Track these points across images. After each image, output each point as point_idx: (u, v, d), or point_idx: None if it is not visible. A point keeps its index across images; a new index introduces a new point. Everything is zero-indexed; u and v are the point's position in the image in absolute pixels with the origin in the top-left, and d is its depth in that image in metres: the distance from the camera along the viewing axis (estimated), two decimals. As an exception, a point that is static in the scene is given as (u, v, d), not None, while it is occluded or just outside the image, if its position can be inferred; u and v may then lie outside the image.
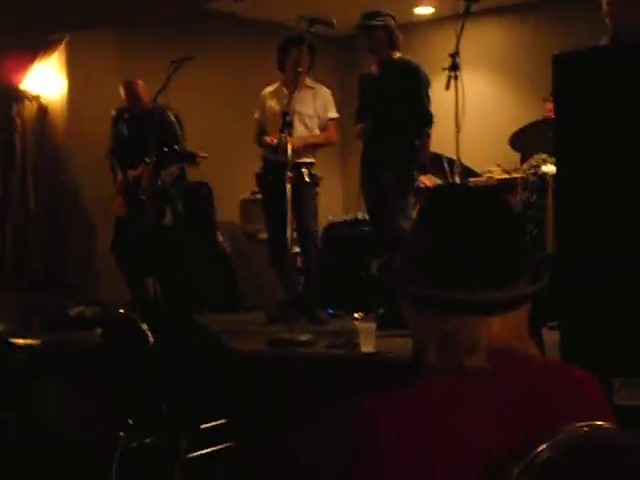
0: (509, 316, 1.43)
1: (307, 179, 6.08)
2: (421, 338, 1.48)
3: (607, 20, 4.63)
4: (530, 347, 1.46)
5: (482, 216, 1.45)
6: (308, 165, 6.19)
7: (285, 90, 6.17)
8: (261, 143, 6.32)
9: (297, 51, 5.99)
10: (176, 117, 6.52)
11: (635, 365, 3.06)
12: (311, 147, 6.23)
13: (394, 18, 5.76)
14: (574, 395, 1.43)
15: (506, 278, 1.42)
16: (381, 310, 5.55)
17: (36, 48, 7.52)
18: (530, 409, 1.39)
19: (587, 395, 1.45)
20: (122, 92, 6.64)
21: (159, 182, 6.34)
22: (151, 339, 4.10)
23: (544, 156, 5.94)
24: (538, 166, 5.98)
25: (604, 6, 4.64)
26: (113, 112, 6.77)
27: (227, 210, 7.83)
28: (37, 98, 7.59)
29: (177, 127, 6.48)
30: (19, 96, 7.55)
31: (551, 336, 3.59)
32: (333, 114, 6.33)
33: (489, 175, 6.98)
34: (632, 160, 3.19)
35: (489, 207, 1.47)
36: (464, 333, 1.41)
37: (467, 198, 1.50)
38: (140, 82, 6.64)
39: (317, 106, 6.27)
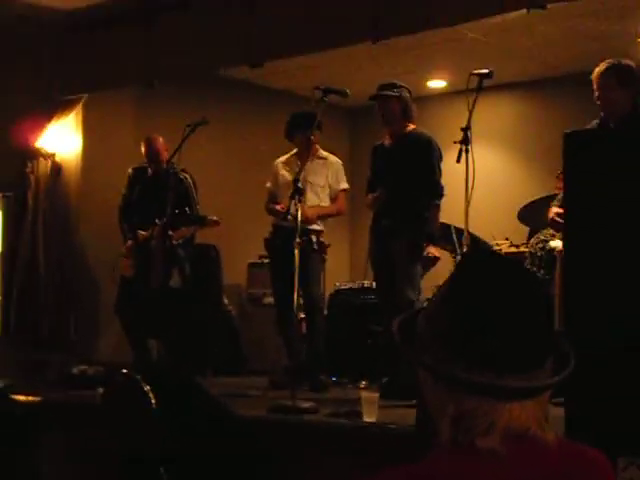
0: (530, 402, 1.37)
1: (315, 246, 6.12)
2: (435, 411, 1.42)
3: (598, 103, 4.80)
4: (547, 431, 1.39)
5: (512, 296, 1.37)
6: (317, 232, 6.24)
7: (298, 161, 6.26)
8: (271, 211, 6.38)
9: (303, 136, 6.14)
10: (192, 179, 6.57)
11: (640, 445, 3.03)
12: (322, 217, 6.31)
13: (409, 91, 5.83)
14: (588, 477, 1.40)
15: (533, 364, 1.35)
16: (385, 379, 5.53)
17: (53, 108, 7.62)
18: None
19: (601, 476, 1.41)
20: (143, 148, 6.70)
21: (167, 243, 6.35)
22: (153, 401, 4.08)
23: (552, 231, 5.95)
24: (546, 241, 5.98)
25: (595, 91, 4.79)
26: (130, 171, 6.82)
27: (234, 273, 7.84)
28: (52, 156, 7.66)
29: (192, 190, 6.53)
30: (34, 154, 7.63)
31: (556, 412, 3.56)
32: (344, 185, 6.41)
33: (497, 248, 6.99)
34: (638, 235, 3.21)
35: (520, 286, 1.39)
36: (481, 416, 1.35)
37: (497, 273, 1.41)
38: (161, 139, 6.70)
39: (329, 176, 6.35)
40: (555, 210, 5.02)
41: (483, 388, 1.34)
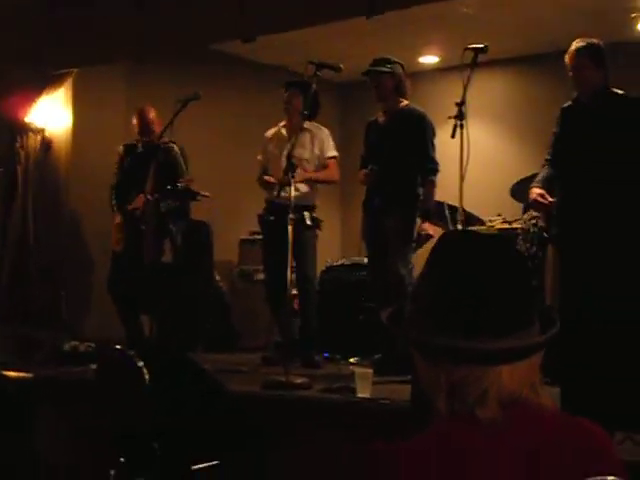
0: (519, 365, 1.39)
1: (309, 222, 6.10)
2: (429, 387, 1.44)
3: (574, 85, 4.86)
4: (542, 396, 1.42)
5: (489, 263, 1.42)
6: (310, 208, 6.21)
7: (285, 133, 6.25)
8: (262, 184, 6.35)
9: (288, 94, 6.09)
10: (181, 151, 6.51)
11: (637, 419, 3.04)
12: (312, 183, 6.25)
13: (403, 66, 5.80)
14: (586, 448, 1.40)
15: (515, 327, 1.39)
16: (378, 355, 5.53)
17: (43, 82, 7.55)
18: (542, 461, 1.36)
19: (599, 448, 1.42)
20: (134, 119, 6.65)
21: (159, 218, 6.32)
22: (146, 377, 4.07)
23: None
24: (539, 217, 5.98)
25: (569, 70, 4.86)
26: (120, 148, 6.77)
27: (225, 249, 7.82)
28: (42, 131, 7.60)
29: (180, 159, 6.46)
30: (23, 128, 7.57)
31: (551, 391, 3.57)
32: (332, 152, 6.36)
33: (490, 224, 6.99)
34: (633, 209, 3.20)
35: (497, 254, 1.44)
36: (473, 383, 1.38)
37: (474, 245, 1.46)
38: (153, 111, 6.65)
39: (315, 148, 6.30)
40: (537, 191, 4.97)
41: (470, 354, 1.37)
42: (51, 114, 7.61)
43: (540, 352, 1.43)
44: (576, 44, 4.94)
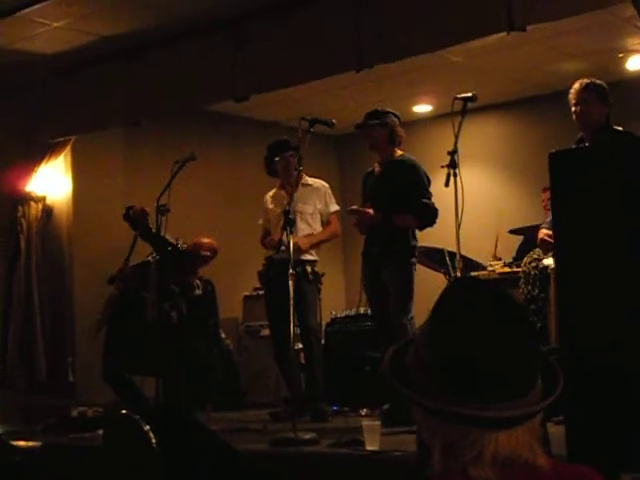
0: (519, 428, 1.36)
1: (310, 277, 6.13)
2: (427, 440, 1.42)
3: (575, 118, 4.95)
4: (539, 455, 1.38)
5: (493, 326, 1.36)
6: (311, 263, 6.24)
7: (284, 193, 6.31)
8: (267, 245, 6.40)
9: (282, 159, 6.27)
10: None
11: (643, 460, 3.02)
12: (316, 245, 6.31)
13: (397, 116, 5.85)
14: None
15: (515, 392, 1.34)
16: (386, 406, 5.51)
17: (42, 152, 7.64)
18: None
19: None
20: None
21: (162, 280, 6.34)
22: (153, 440, 4.06)
23: (543, 249, 5.97)
24: (539, 259, 6.00)
25: (573, 107, 4.95)
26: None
27: (230, 307, 7.83)
28: (42, 199, 7.66)
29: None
30: (24, 198, 7.63)
31: (557, 430, 3.55)
32: (334, 207, 6.43)
33: (491, 269, 7.01)
34: (629, 249, 3.22)
35: (500, 315, 1.38)
36: (468, 445, 1.35)
37: (477, 303, 1.40)
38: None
39: (317, 203, 6.36)
40: (545, 232, 5.07)
41: (468, 419, 1.34)
42: (51, 182, 7.69)
43: (540, 415, 1.39)
44: (583, 80, 5.07)
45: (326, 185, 6.49)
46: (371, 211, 5.65)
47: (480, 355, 1.34)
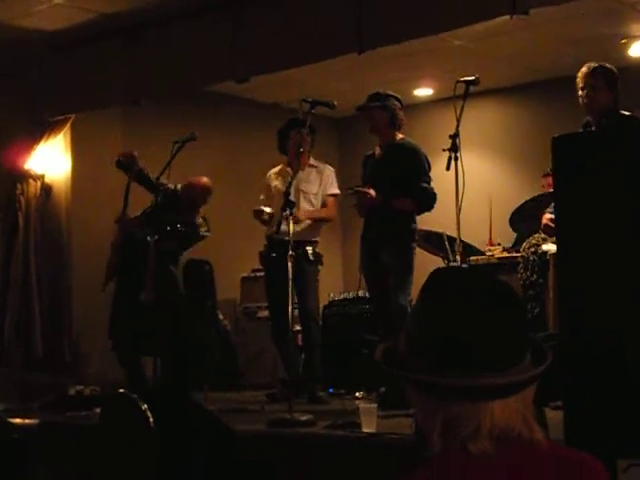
0: (511, 400, 1.40)
1: (311, 257, 6.12)
2: (424, 421, 1.46)
3: (583, 102, 4.90)
4: (535, 431, 1.43)
5: (479, 300, 1.43)
6: (312, 243, 6.23)
7: (289, 170, 6.26)
8: (256, 215, 6.29)
9: (297, 133, 6.09)
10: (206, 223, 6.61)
11: (640, 446, 3.02)
12: (313, 220, 6.28)
13: (399, 99, 5.84)
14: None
15: (505, 362, 1.40)
16: (382, 389, 5.52)
17: (41, 129, 7.62)
18: None
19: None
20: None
21: (160, 260, 6.35)
22: (151, 419, 4.07)
23: (544, 235, 5.96)
24: (538, 245, 6.00)
25: (580, 91, 4.90)
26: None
27: (227, 288, 7.83)
28: (41, 177, 7.65)
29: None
30: (23, 175, 7.62)
31: (555, 415, 3.56)
32: (333, 190, 6.40)
33: (490, 254, 7.01)
34: (631, 234, 3.21)
35: (486, 290, 1.45)
36: (465, 419, 1.39)
37: (464, 281, 1.48)
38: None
39: (322, 184, 6.35)
40: (548, 216, 5.05)
41: (462, 391, 1.38)
42: (50, 160, 7.67)
43: (532, 386, 1.44)
44: (591, 64, 4.99)
45: (332, 170, 6.49)
46: (372, 192, 5.62)
47: (469, 329, 1.40)
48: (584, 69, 4.98)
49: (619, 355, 3.18)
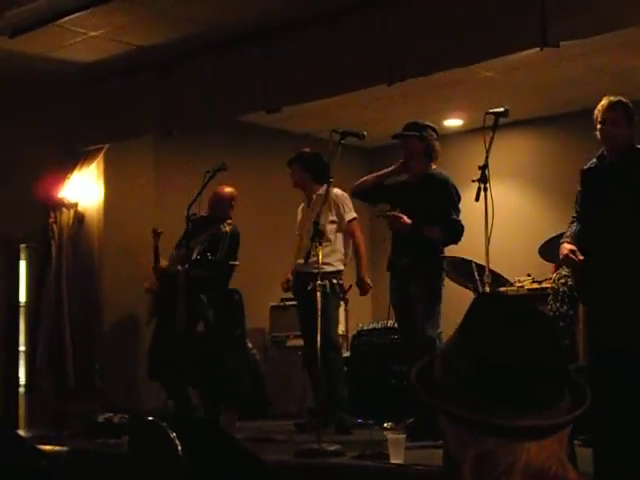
0: (549, 440, 1.36)
1: (328, 290, 6.10)
2: (456, 453, 1.43)
3: (599, 136, 4.90)
4: (569, 470, 1.39)
5: (523, 335, 1.38)
6: (335, 274, 6.24)
7: (304, 204, 6.43)
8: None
9: (292, 173, 6.46)
10: (233, 231, 6.71)
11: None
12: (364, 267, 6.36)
13: (435, 130, 5.85)
14: None
15: (547, 404, 1.36)
16: (411, 420, 5.50)
17: (74, 159, 7.72)
18: None
19: None
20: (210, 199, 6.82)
21: (190, 289, 6.41)
22: (179, 448, 4.08)
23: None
24: (568, 276, 5.96)
25: (598, 124, 4.90)
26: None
27: (257, 317, 7.85)
28: (74, 206, 7.73)
29: (226, 239, 6.62)
30: (57, 204, 7.71)
31: (583, 450, 3.53)
32: (350, 215, 6.40)
33: (519, 285, 6.97)
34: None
35: (531, 325, 1.40)
36: (500, 456, 1.35)
37: (509, 313, 1.41)
38: (226, 188, 6.83)
39: (331, 214, 6.34)
40: (568, 247, 4.98)
41: (499, 430, 1.35)
42: (83, 189, 7.76)
43: (568, 427, 1.40)
44: (610, 99, 4.98)
45: (339, 193, 6.42)
46: (406, 218, 5.62)
47: (510, 366, 1.36)
48: (603, 102, 4.99)
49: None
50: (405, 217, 5.61)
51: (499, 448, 1.35)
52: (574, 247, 4.87)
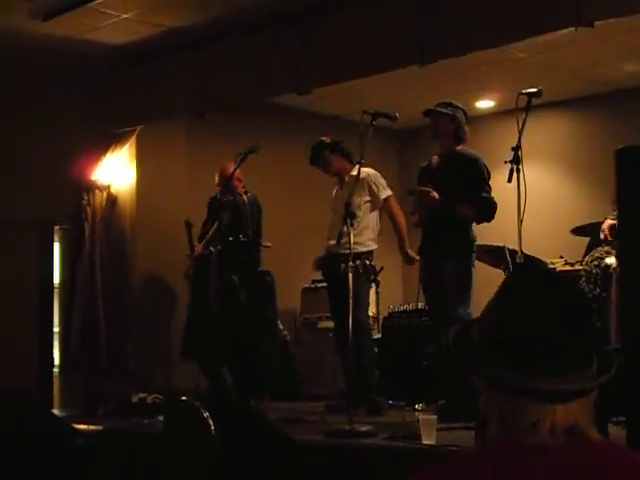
0: (575, 403, 1.43)
1: (360, 270, 6.09)
2: (486, 410, 1.50)
3: None
4: (593, 433, 1.45)
5: (555, 304, 1.46)
6: (367, 255, 6.23)
7: (337, 187, 6.45)
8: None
9: (321, 162, 6.46)
10: (252, 201, 6.76)
11: None
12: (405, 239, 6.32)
13: (465, 112, 5.82)
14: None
15: (574, 367, 1.43)
16: (442, 401, 5.50)
17: (107, 141, 7.77)
18: None
19: None
20: (216, 175, 6.88)
21: (223, 270, 6.46)
22: (213, 428, 4.11)
23: (607, 248, 5.89)
24: (601, 258, 5.92)
25: None
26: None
27: (288, 298, 7.88)
28: (107, 188, 7.79)
29: (247, 212, 6.67)
30: (90, 186, 7.77)
31: (616, 431, 3.52)
32: (386, 192, 6.37)
33: (552, 267, 6.93)
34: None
35: (564, 295, 1.48)
36: (529, 414, 1.42)
37: (544, 283, 1.50)
38: (226, 165, 6.84)
39: (363, 194, 6.31)
40: (610, 222, 4.97)
41: (528, 391, 1.41)
42: (116, 171, 7.81)
43: (594, 393, 1.46)
44: None
45: (371, 172, 6.36)
46: (435, 193, 5.59)
47: (542, 329, 1.43)
48: None
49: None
50: (434, 192, 5.57)
51: (527, 408, 1.42)
52: (615, 222, 4.84)
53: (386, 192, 6.38)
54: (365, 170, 6.19)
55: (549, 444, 1.40)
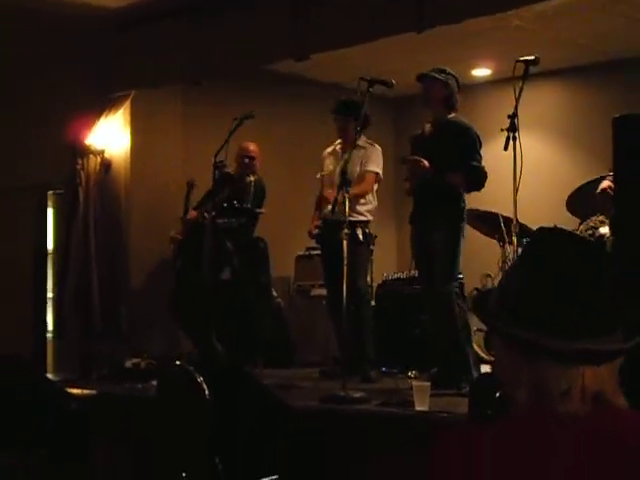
0: (603, 367, 1.42)
1: (361, 238, 6.11)
2: (510, 376, 1.47)
3: None
4: (620, 399, 1.44)
5: (583, 266, 1.44)
6: (363, 223, 6.24)
7: (340, 151, 6.33)
8: (318, 202, 6.44)
9: (335, 120, 6.36)
10: (259, 183, 6.86)
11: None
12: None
13: (458, 80, 5.79)
14: None
15: (601, 330, 1.41)
16: (434, 369, 5.54)
17: (102, 105, 7.72)
18: (621, 459, 1.38)
19: None
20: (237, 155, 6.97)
21: (217, 236, 6.46)
22: (207, 392, 4.14)
23: (601, 217, 5.91)
24: (596, 227, 5.94)
25: None
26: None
27: (282, 266, 7.89)
28: (101, 153, 7.76)
29: (251, 190, 6.70)
30: (84, 151, 7.74)
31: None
32: (372, 167, 6.30)
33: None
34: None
35: (592, 259, 1.46)
36: (557, 380, 1.41)
37: (571, 244, 1.48)
38: (253, 145, 7.02)
39: (362, 163, 6.29)
40: (608, 183, 4.95)
41: (556, 352, 1.40)
42: (110, 136, 7.77)
43: (621, 357, 1.46)
44: None
45: (374, 147, 6.36)
46: (426, 162, 5.58)
47: (570, 290, 1.42)
48: None
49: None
50: (425, 161, 5.55)
51: (555, 372, 1.41)
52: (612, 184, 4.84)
53: (374, 167, 6.32)
54: (372, 144, 6.31)
55: (579, 412, 1.39)
